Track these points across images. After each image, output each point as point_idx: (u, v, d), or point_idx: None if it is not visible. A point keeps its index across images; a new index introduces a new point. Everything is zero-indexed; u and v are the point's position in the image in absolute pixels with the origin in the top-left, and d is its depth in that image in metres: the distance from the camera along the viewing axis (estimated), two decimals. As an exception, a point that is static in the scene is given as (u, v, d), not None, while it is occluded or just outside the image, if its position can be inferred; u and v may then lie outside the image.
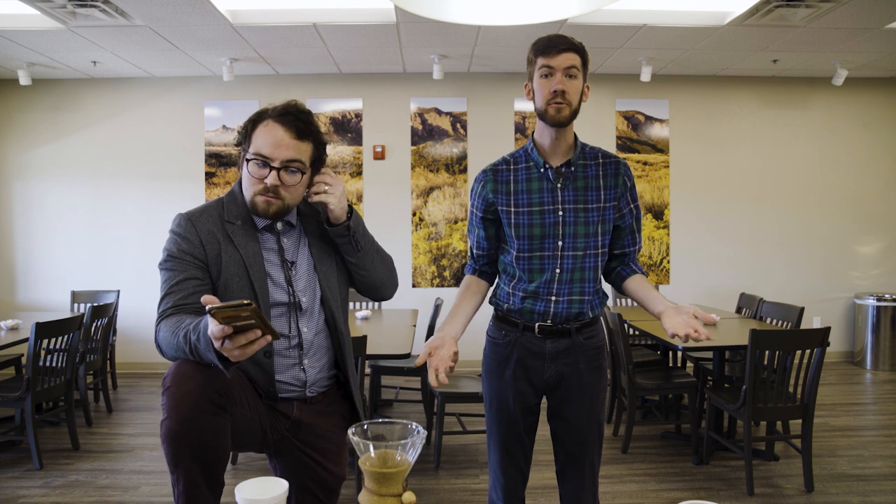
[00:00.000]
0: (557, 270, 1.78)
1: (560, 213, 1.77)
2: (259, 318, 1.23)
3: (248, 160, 1.63)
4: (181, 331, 1.44)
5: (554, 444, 1.90)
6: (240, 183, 1.71)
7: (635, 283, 1.86)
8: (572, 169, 1.79)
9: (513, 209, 1.80)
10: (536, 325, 1.80)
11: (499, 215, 1.84)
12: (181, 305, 1.56)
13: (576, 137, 1.82)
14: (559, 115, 1.71)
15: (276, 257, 1.69)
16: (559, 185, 1.78)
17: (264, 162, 1.60)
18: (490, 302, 1.93)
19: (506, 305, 1.85)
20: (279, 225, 1.71)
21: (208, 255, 1.61)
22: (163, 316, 1.56)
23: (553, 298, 1.78)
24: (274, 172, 1.59)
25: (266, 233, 1.70)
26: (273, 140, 1.59)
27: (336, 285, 1.77)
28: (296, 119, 1.61)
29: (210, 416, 1.43)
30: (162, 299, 1.59)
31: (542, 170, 1.79)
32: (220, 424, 1.46)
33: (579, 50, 1.73)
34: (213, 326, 1.26)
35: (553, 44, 1.71)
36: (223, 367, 1.36)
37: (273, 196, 1.61)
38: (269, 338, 1.29)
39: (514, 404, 1.85)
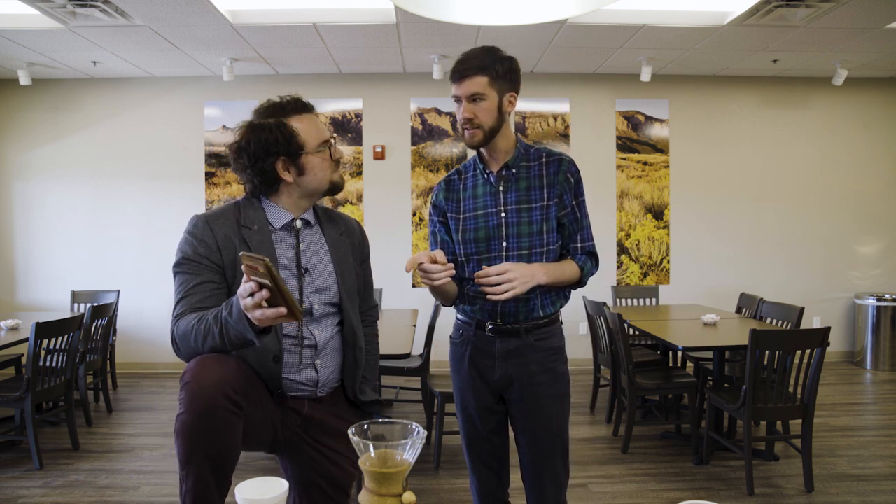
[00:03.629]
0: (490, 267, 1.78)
1: (503, 214, 1.82)
2: (273, 279, 1.26)
3: (319, 151, 1.69)
4: (209, 315, 1.48)
5: (517, 449, 1.90)
6: (254, 191, 1.73)
7: None
8: (513, 171, 1.83)
9: (461, 216, 1.88)
10: (487, 323, 1.83)
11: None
12: (198, 309, 1.57)
13: (518, 140, 1.86)
14: (472, 141, 1.79)
15: (291, 263, 1.70)
16: (501, 188, 1.84)
17: (327, 143, 1.71)
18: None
19: (461, 306, 1.91)
20: (298, 223, 1.74)
21: (224, 260, 1.63)
22: (179, 317, 1.57)
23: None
24: (336, 146, 1.75)
25: (284, 233, 1.72)
26: (317, 125, 1.72)
27: (353, 287, 1.82)
28: (305, 105, 1.74)
29: (226, 413, 1.44)
30: (177, 303, 1.60)
31: (485, 176, 1.86)
32: (234, 423, 1.46)
33: (485, 67, 1.73)
34: (242, 286, 1.33)
35: (456, 70, 1.76)
36: (254, 336, 1.40)
37: (339, 167, 1.76)
38: (283, 311, 1.30)
39: (474, 403, 1.89)
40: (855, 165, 6.03)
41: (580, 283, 1.87)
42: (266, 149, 1.64)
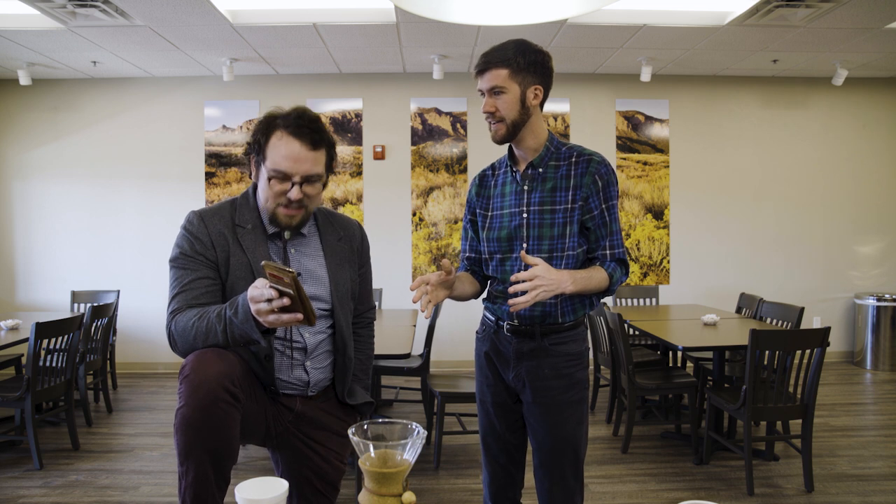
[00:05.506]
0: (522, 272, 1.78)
1: (524, 215, 1.78)
2: (297, 289, 1.29)
3: (268, 177, 1.62)
4: (210, 313, 1.50)
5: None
6: (254, 187, 1.73)
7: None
8: (540, 171, 1.79)
9: (489, 213, 1.86)
10: (505, 323, 1.82)
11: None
12: (194, 305, 1.58)
13: (550, 138, 1.80)
14: (496, 135, 1.76)
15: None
16: (525, 188, 1.79)
17: (284, 176, 1.60)
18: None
19: (486, 303, 1.91)
20: (286, 233, 1.73)
21: (218, 257, 1.64)
22: (176, 312, 1.58)
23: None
24: (296, 187, 1.60)
25: (273, 241, 1.73)
26: (290, 154, 1.59)
27: (346, 293, 1.81)
28: (309, 131, 1.60)
29: (226, 405, 1.45)
30: (173, 297, 1.61)
31: (512, 174, 1.84)
32: (234, 415, 1.48)
33: (505, 60, 1.70)
34: (255, 290, 1.36)
35: (478, 64, 1.74)
36: (260, 336, 1.43)
37: (296, 208, 1.64)
38: (300, 316, 1.33)
39: (491, 399, 1.89)
40: (855, 165, 6.03)
41: (608, 291, 1.77)
42: (251, 136, 1.68)
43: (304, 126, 1.60)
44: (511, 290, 1.61)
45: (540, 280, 1.57)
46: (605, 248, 1.77)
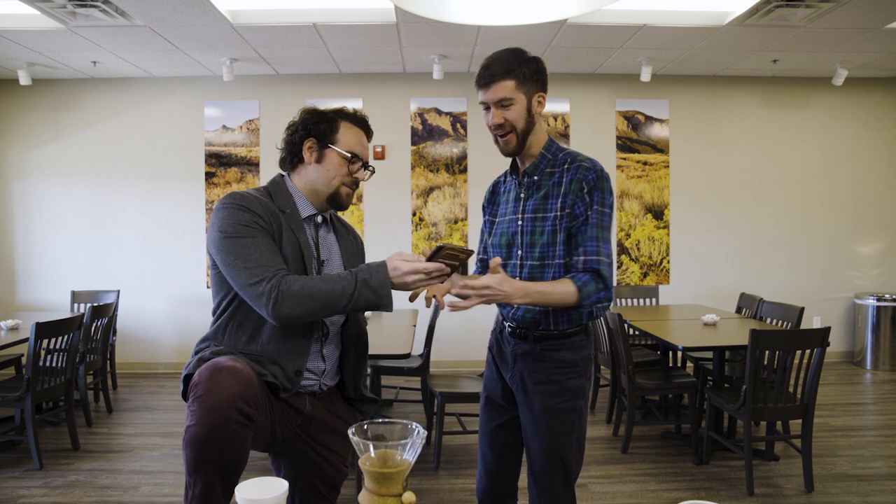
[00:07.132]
0: (518, 278, 1.77)
1: (519, 222, 1.79)
2: (462, 264, 1.48)
3: (344, 158, 1.74)
4: (337, 277, 1.56)
5: None
6: (282, 175, 1.81)
7: None
8: (535, 178, 1.78)
9: (496, 219, 1.89)
10: (507, 324, 1.85)
11: None
12: (283, 268, 1.59)
13: (549, 145, 1.79)
14: (507, 147, 1.76)
15: (310, 252, 1.75)
16: (522, 195, 1.81)
17: (357, 159, 1.76)
18: None
19: (497, 306, 1.92)
20: (319, 218, 1.80)
21: (273, 230, 1.65)
22: (279, 284, 1.52)
23: (515, 304, 1.77)
24: (365, 169, 1.80)
25: (306, 223, 1.77)
26: (361, 141, 1.80)
27: None
28: (368, 126, 1.83)
29: (238, 426, 1.44)
30: (264, 264, 1.55)
31: (514, 181, 1.86)
32: (245, 435, 1.47)
33: (511, 71, 1.68)
34: (410, 264, 1.54)
35: (482, 76, 1.72)
36: (391, 301, 1.56)
37: (354, 189, 1.81)
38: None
39: (488, 393, 1.92)
40: (855, 165, 6.03)
41: (579, 306, 1.67)
42: (306, 125, 1.76)
43: (364, 121, 1.82)
44: (454, 291, 1.61)
45: (488, 290, 1.57)
46: (578, 255, 1.70)
